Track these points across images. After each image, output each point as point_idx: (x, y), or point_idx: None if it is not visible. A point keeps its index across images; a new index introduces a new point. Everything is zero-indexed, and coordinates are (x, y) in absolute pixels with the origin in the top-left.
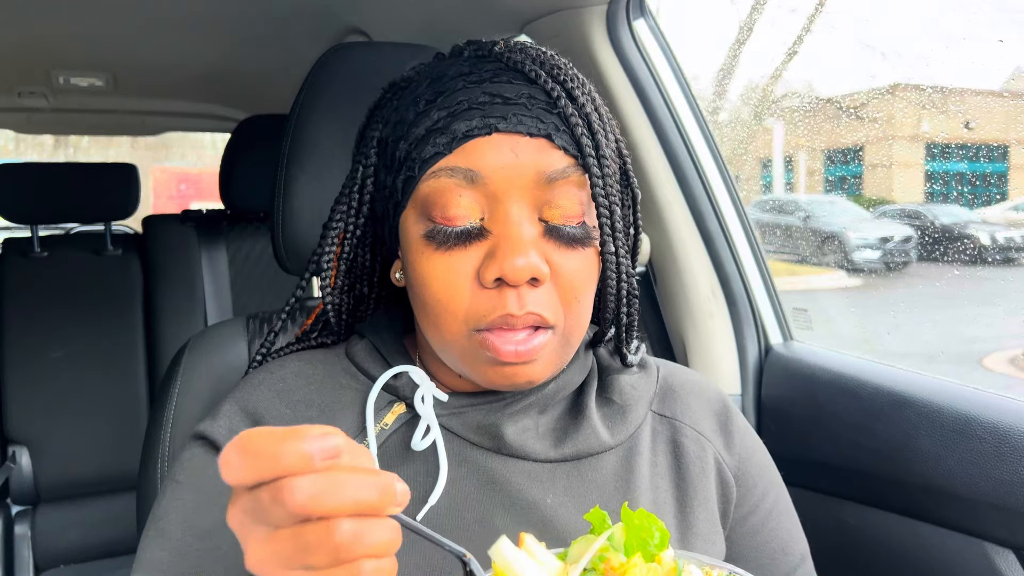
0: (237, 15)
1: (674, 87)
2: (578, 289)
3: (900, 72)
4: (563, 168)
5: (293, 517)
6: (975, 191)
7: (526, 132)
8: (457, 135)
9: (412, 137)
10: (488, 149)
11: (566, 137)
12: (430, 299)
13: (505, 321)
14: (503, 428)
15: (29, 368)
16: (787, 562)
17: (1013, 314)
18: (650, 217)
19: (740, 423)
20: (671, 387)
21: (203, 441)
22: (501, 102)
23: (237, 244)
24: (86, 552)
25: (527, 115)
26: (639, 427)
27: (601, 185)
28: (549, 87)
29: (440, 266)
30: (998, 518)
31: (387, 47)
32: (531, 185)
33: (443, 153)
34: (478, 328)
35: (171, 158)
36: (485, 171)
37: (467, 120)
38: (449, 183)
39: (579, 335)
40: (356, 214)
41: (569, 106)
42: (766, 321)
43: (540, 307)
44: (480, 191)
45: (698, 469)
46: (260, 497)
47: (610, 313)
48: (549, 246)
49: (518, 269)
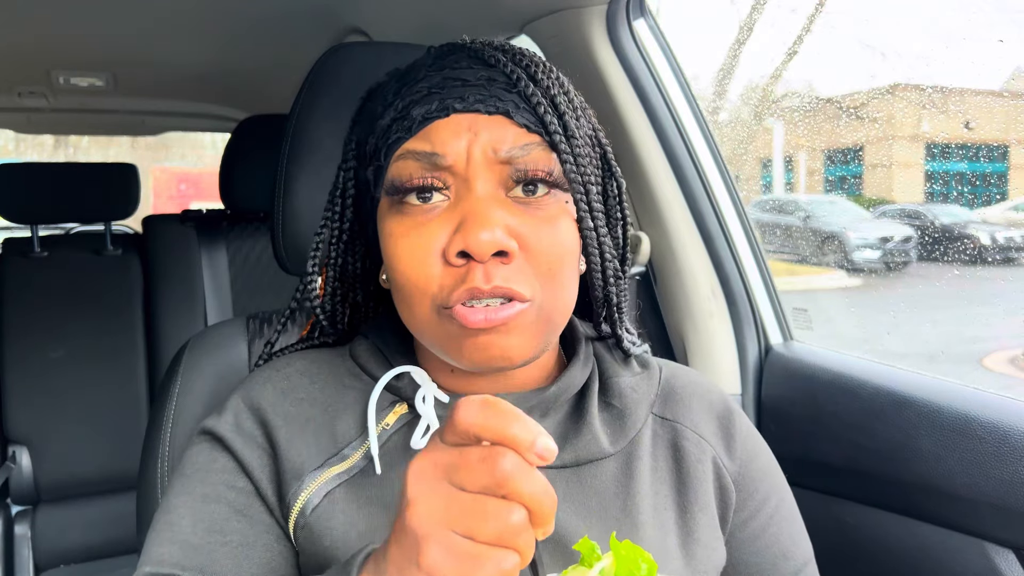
0: (237, 15)
1: (674, 87)
2: (553, 263)
3: (900, 72)
4: (525, 145)
5: (487, 485)
6: (975, 191)
7: (484, 111)
8: (417, 119)
9: (378, 130)
10: (446, 130)
11: (527, 115)
12: (400, 279)
13: (471, 294)
14: None
15: (29, 368)
16: (789, 567)
17: (1013, 314)
18: (650, 217)
19: (743, 427)
20: (673, 389)
21: (209, 436)
22: (459, 84)
23: (237, 244)
24: (86, 552)
25: (484, 94)
26: (639, 431)
27: (572, 162)
28: (508, 70)
29: (408, 245)
30: (998, 518)
31: (387, 47)
32: (494, 161)
33: (405, 137)
34: (446, 305)
35: (171, 158)
36: (447, 152)
37: (426, 104)
38: (414, 165)
39: (561, 314)
40: (340, 219)
41: (531, 86)
42: (766, 321)
43: (511, 282)
44: (444, 172)
45: (698, 473)
46: (468, 455)
47: (598, 291)
48: (520, 221)
49: (483, 243)
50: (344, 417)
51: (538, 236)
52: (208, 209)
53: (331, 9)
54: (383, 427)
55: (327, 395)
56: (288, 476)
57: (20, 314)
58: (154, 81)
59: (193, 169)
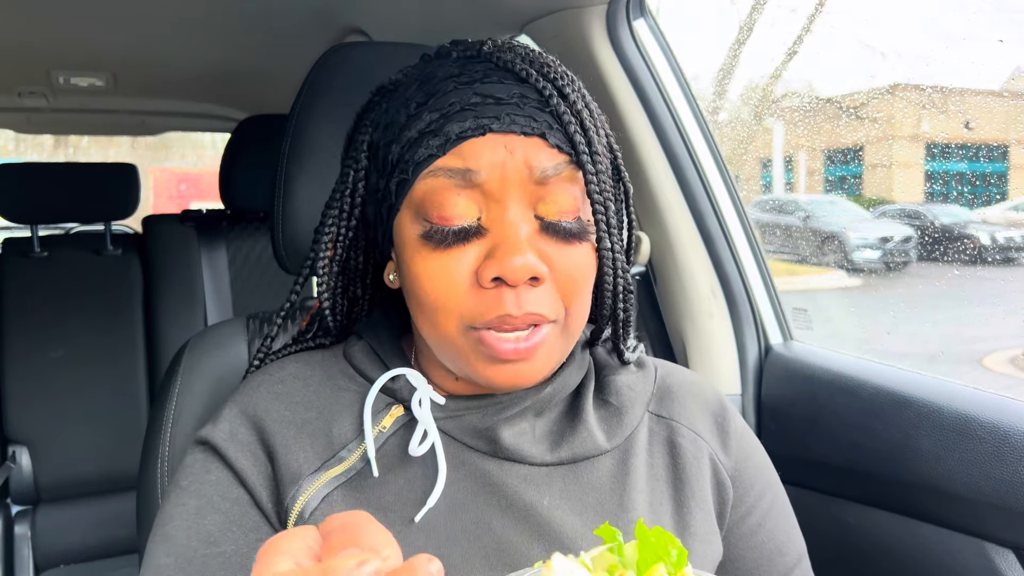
0: (237, 15)
1: (674, 87)
2: (578, 284)
3: (900, 72)
4: (556, 165)
5: None
6: (975, 191)
7: (520, 132)
8: (451, 136)
9: (404, 140)
10: (483, 149)
11: (559, 135)
12: (426, 298)
13: (504, 321)
14: (499, 432)
15: (29, 368)
16: (784, 563)
17: (1013, 314)
18: (650, 217)
19: (737, 424)
20: (668, 388)
21: (205, 446)
22: (493, 102)
23: (237, 244)
24: (86, 552)
25: (520, 114)
26: (636, 429)
27: (596, 182)
28: (540, 86)
29: (437, 266)
30: (998, 518)
31: (387, 47)
32: (526, 183)
33: (437, 155)
34: (474, 326)
35: (171, 158)
36: (481, 170)
37: (460, 121)
38: (445, 183)
39: (579, 328)
40: (348, 217)
41: (561, 104)
42: (766, 321)
43: (539, 306)
44: (476, 191)
45: (695, 470)
46: None
47: (607, 310)
48: (545, 243)
49: (517, 269)
50: (340, 420)
51: (564, 259)
52: (208, 209)
53: (331, 9)
54: (379, 430)
55: (322, 398)
56: (286, 480)
57: (20, 314)
58: (154, 81)
59: (193, 169)
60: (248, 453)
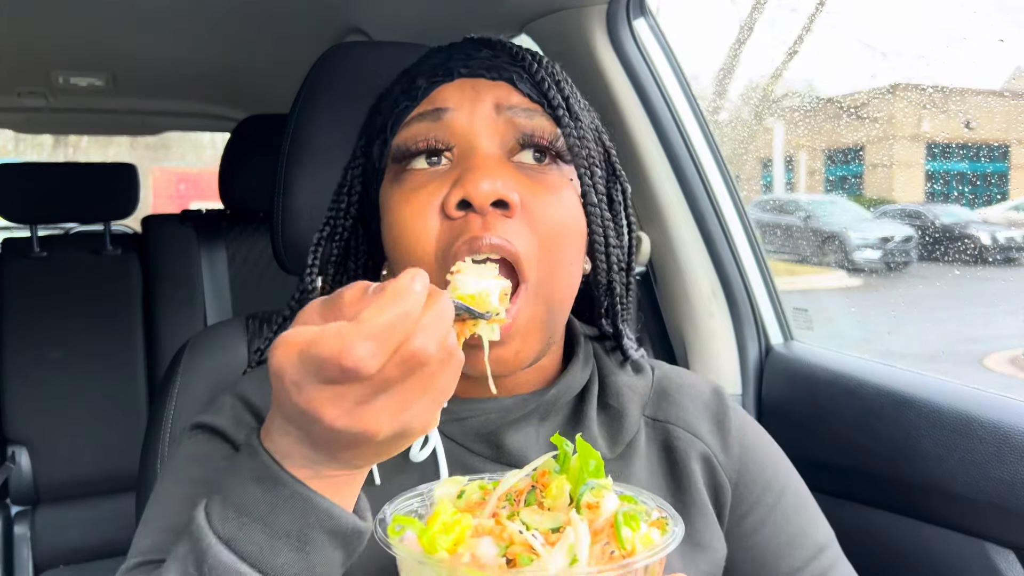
0: (237, 15)
1: (674, 87)
2: (553, 231)
3: (900, 72)
4: (526, 108)
5: (429, 369)
6: (975, 191)
7: (488, 76)
8: (422, 86)
9: (384, 108)
10: (452, 90)
11: (530, 86)
12: (400, 238)
13: (471, 246)
14: (504, 438)
15: (29, 368)
16: (797, 557)
17: (1013, 314)
18: (650, 217)
19: (737, 420)
20: (665, 390)
21: (206, 429)
22: (464, 56)
23: (237, 244)
24: (86, 552)
25: (489, 63)
26: (635, 436)
27: (576, 136)
28: (513, 51)
29: (408, 203)
30: (999, 518)
31: (387, 47)
32: (498, 121)
33: (412, 105)
34: (448, 265)
35: (171, 158)
36: (451, 106)
37: (431, 73)
38: (419, 126)
39: (560, 302)
40: (344, 215)
41: (534, 65)
42: (766, 321)
43: (509, 235)
44: (446, 127)
45: (692, 471)
46: (388, 376)
47: (602, 278)
48: (523, 184)
49: (482, 191)
50: None
51: (541, 200)
52: (208, 209)
53: (331, 9)
54: None
55: None
56: None
57: (20, 314)
58: (154, 81)
59: (193, 169)
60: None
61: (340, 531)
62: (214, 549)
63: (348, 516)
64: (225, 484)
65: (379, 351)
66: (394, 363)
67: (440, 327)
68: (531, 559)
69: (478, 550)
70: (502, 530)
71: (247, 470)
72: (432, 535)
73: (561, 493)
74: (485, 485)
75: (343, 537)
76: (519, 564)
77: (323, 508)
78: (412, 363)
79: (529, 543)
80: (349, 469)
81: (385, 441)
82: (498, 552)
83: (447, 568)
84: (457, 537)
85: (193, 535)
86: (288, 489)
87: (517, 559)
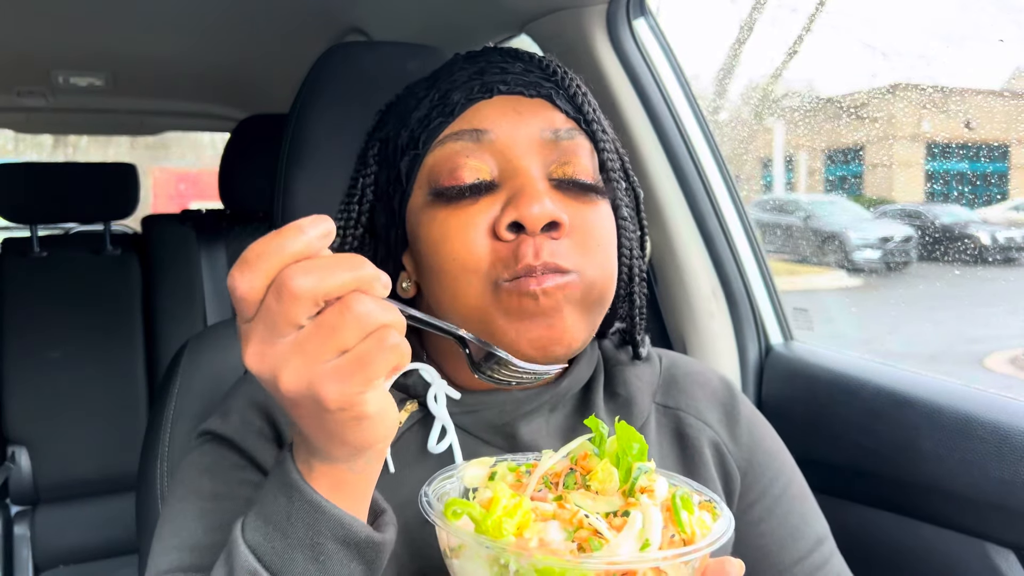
0: (237, 15)
1: (674, 87)
2: (597, 237)
3: (900, 72)
4: (567, 128)
5: (303, 308)
6: (976, 191)
7: (526, 93)
8: (459, 102)
9: (413, 121)
10: (491, 109)
11: (565, 102)
12: (446, 259)
13: (526, 272)
14: (518, 428)
15: (29, 368)
16: (798, 548)
17: (1014, 314)
18: (650, 217)
19: (746, 410)
20: (674, 377)
21: (214, 437)
22: (499, 71)
23: (237, 244)
24: (85, 552)
25: (525, 79)
26: (645, 421)
27: (611, 149)
28: (544, 64)
29: (453, 222)
30: (999, 518)
31: (387, 47)
32: (538, 142)
33: (447, 121)
34: (497, 283)
35: (171, 158)
36: (491, 128)
37: (467, 89)
38: (455, 147)
39: (604, 291)
40: (355, 225)
41: (566, 79)
42: (767, 321)
43: (558, 257)
44: (487, 149)
45: (702, 459)
46: (268, 308)
47: (623, 289)
48: (561, 199)
49: (535, 214)
50: None
51: (584, 218)
52: (207, 209)
53: (331, 9)
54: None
55: None
56: None
57: (20, 314)
58: (154, 81)
59: (193, 169)
60: (263, 439)
61: (353, 541)
62: (242, 557)
63: (360, 526)
64: (261, 492)
65: (249, 273)
66: (271, 293)
67: (328, 276)
68: (601, 544)
69: (546, 535)
70: (572, 514)
71: (275, 476)
72: (498, 519)
73: (609, 477)
74: (516, 467)
75: (356, 548)
76: (589, 549)
77: (333, 516)
78: (284, 294)
79: (596, 527)
80: (330, 462)
81: (310, 403)
82: (566, 537)
83: (513, 552)
84: (520, 522)
85: (229, 544)
86: (303, 497)
87: (587, 543)
